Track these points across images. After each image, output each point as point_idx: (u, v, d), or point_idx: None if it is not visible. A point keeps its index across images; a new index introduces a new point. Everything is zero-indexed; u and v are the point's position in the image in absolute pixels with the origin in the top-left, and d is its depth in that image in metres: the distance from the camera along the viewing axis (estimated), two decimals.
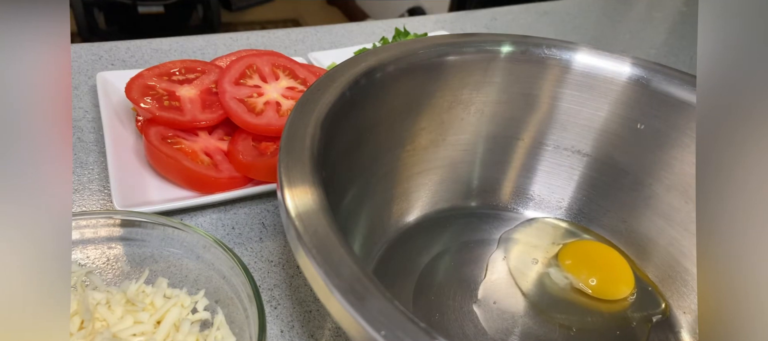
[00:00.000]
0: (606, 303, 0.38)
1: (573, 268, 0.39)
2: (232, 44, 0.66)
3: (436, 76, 0.39)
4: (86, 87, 0.53)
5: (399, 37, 0.64)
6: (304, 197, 0.25)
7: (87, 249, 0.33)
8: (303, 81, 0.49)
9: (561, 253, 0.40)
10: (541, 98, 0.42)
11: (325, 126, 0.29)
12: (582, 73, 0.41)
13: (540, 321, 0.36)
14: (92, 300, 0.30)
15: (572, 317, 0.37)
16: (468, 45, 0.39)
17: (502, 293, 0.37)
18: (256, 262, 0.39)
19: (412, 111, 0.39)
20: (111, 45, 0.61)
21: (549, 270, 0.40)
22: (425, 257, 0.39)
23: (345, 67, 0.34)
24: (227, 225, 0.41)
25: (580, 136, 0.42)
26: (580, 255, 0.40)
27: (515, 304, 0.37)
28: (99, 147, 0.46)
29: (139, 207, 0.38)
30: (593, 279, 0.39)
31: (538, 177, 0.44)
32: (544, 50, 0.40)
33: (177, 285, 0.33)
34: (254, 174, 0.42)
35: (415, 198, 0.42)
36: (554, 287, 0.39)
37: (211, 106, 0.45)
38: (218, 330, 0.30)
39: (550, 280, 0.39)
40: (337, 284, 0.21)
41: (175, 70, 0.48)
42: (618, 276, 0.40)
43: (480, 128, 0.42)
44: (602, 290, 0.38)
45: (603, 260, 0.41)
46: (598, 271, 0.39)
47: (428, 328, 0.20)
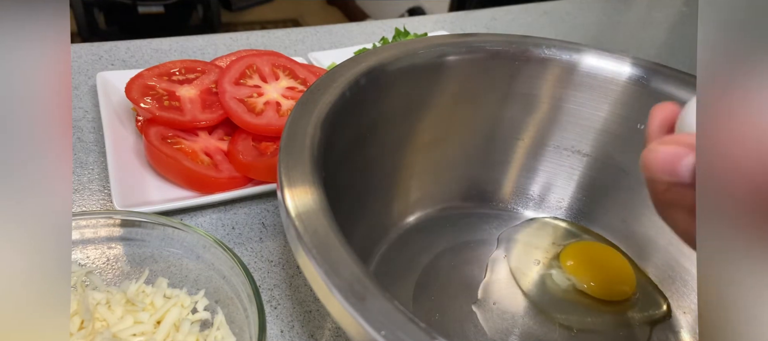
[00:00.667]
0: (607, 304, 0.38)
1: (574, 269, 0.39)
2: (232, 44, 0.66)
3: (436, 76, 0.39)
4: (86, 87, 0.53)
5: (399, 37, 0.64)
6: (304, 197, 0.25)
7: (87, 249, 0.33)
8: (303, 81, 0.49)
9: (562, 254, 0.40)
10: (541, 98, 0.42)
11: (325, 126, 0.29)
12: (582, 73, 0.41)
13: (540, 322, 0.36)
14: (92, 300, 0.30)
15: (573, 317, 0.37)
16: (468, 45, 0.39)
17: (502, 293, 0.37)
18: (256, 262, 0.39)
19: (412, 111, 0.39)
20: (111, 45, 0.61)
21: (550, 271, 0.40)
22: (425, 257, 0.39)
23: (345, 67, 0.34)
24: (227, 225, 0.41)
25: (580, 136, 0.42)
26: (581, 256, 0.40)
27: (515, 304, 0.37)
28: (99, 147, 0.46)
29: (139, 207, 0.38)
30: (594, 280, 0.39)
31: (538, 177, 0.44)
32: (544, 50, 0.40)
33: (177, 285, 0.33)
34: (254, 174, 0.42)
35: (415, 198, 0.41)
36: (555, 287, 0.39)
37: (211, 106, 0.45)
38: (218, 330, 0.30)
39: (551, 281, 0.39)
40: (337, 284, 0.21)
41: (175, 70, 0.48)
42: (619, 277, 0.40)
43: (480, 128, 0.42)
44: (603, 291, 0.38)
45: (604, 261, 0.41)
46: (600, 272, 0.39)
47: (428, 328, 0.20)
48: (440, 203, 0.43)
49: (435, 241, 0.40)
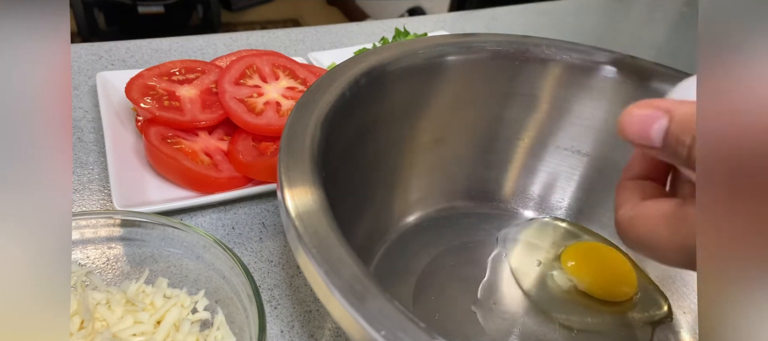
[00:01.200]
0: (608, 305, 0.38)
1: (575, 270, 0.39)
2: (232, 44, 0.66)
3: (436, 76, 0.39)
4: (86, 87, 0.53)
5: (399, 37, 0.64)
6: (304, 197, 0.25)
7: (87, 249, 0.33)
8: (303, 81, 0.49)
9: (563, 255, 0.40)
10: (541, 98, 0.42)
11: (325, 126, 0.29)
12: (582, 73, 0.41)
13: (540, 321, 0.36)
14: (92, 300, 0.30)
15: (573, 317, 0.37)
16: (468, 45, 0.39)
17: (502, 293, 0.37)
18: (256, 262, 0.39)
19: (412, 111, 0.39)
20: (111, 45, 0.61)
21: (551, 271, 0.40)
22: (425, 257, 0.39)
23: (345, 67, 0.34)
24: (227, 225, 0.41)
25: (580, 136, 0.42)
26: (582, 256, 0.40)
27: (516, 304, 0.37)
28: (99, 147, 0.46)
29: (139, 207, 0.38)
30: (596, 280, 0.39)
31: (538, 177, 0.44)
32: (544, 50, 0.40)
33: (177, 285, 0.33)
34: (254, 174, 0.42)
35: (415, 198, 0.41)
36: (555, 288, 0.39)
37: (211, 106, 0.45)
38: (218, 330, 0.30)
39: (552, 281, 0.39)
40: (337, 284, 0.21)
41: (175, 70, 0.48)
42: (620, 278, 0.39)
43: (480, 128, 0.42)
44: (605, 291, 0.38)
45: (605, 261, 0.41)
46: (601, 273, 0.39)
47: (428, 328, 0.20)
48: (440, 203, 0.43)
49: (435, 241, 0.40)
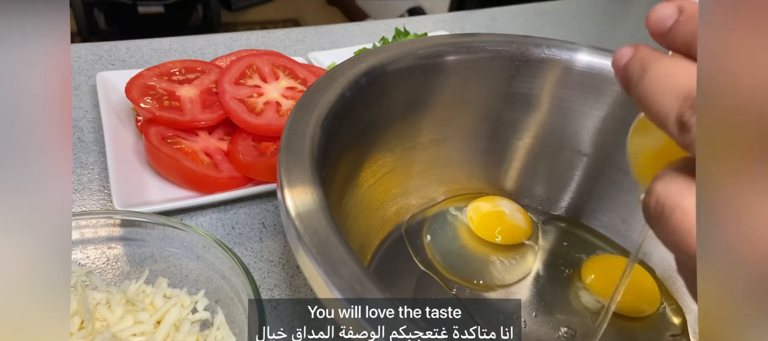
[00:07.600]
0: (625, 319, 0.37)
1: (595, 285, 0.38)
2: (232, 44, 0.66)
3: (436, 76, 0.39)
4: (86, 87, 0.53)
5: (399, 37, 0.64)
6: (304, 197, 0.25)
7: (87, 249, 0.33)
8: (303, 81, 0.49)
9: (584, 269, 0.39)
10: (541, 98, 0.42)
11: (325, 126, 0.29)
12: (582, 73, 0.41)
13: (540, 322, 0.36)
14: (92, 300, 0.30)
15: (573, 318, 0.37)
16: (468, 45, 0.39)
17: (502, 293, 0.37)
18: (256, 262, 0.39)
19: (411, 111, 0.39)
20: (111, 45, 0.61)
21: (575, 289, 0.39)
22: (425, 257, 0.39)
23: (345, 67, 0.34)
24: (227, 225, 0.41)
25: (580, 136, 0.42)
26: (603, 271, 0.39)
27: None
28: (99, 147, 0.46)
29: (139, 207, 0.38)
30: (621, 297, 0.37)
31: (538, 177, 0.44)
32: (544, 50, 0.40)
33: (177, 285, 0.33)
34: (254, 174, 0.42)
35: (415, 198, 0.41)
36: (558, 290, 0.38)
37: (211, 106, 0.45)
38: (218, 330, 0.30)
39: (557, 284, 0.39)
40: (337, 284, 0.21)
41: (175, 70, 0.48)
42: (643, 294, 0.38)
43: (480, 128, 0.42)
44: (628, 307, 0.37)
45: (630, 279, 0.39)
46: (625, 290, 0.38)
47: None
48: (440, 203, 0.43)
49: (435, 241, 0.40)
